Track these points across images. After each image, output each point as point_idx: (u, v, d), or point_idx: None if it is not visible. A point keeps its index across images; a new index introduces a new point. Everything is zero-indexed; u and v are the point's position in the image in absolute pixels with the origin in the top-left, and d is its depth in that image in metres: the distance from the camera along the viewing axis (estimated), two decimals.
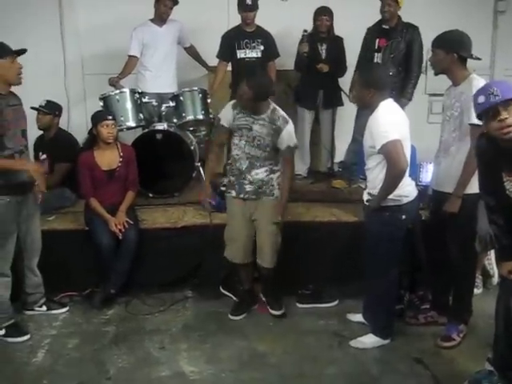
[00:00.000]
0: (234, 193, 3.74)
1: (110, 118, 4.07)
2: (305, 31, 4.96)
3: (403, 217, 3.25)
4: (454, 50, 3.18)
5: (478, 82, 3.11)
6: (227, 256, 3.78)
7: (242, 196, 3.70)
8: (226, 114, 3.67)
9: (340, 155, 5.29)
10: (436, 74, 3.37)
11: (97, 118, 4.07)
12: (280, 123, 3.55)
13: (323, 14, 4.96)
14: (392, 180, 3.14)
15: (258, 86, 3.48)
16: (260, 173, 3.64)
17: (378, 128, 3.13)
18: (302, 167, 5.43)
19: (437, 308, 3.69)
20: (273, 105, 3.63)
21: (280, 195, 3.68)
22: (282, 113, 3.62)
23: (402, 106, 4.56)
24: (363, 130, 3.34)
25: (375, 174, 3.25)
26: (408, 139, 3.25)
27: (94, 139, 4.09)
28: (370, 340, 3.49)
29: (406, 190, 3.25)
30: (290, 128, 3.59)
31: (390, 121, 3.15)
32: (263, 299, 3.97)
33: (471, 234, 3.36)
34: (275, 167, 3.68)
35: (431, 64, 3.36)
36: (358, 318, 3.73)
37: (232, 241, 3.75)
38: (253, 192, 3.67)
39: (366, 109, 3.35)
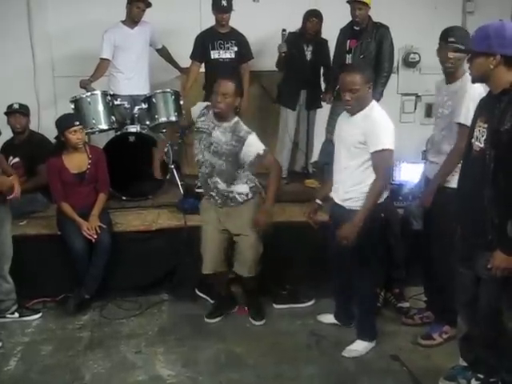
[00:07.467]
0: (206, 196, 3.71)
1: (77, 123, 3.98)
2: (283, 31, 4.95)
3: (382, 215, 3.23)
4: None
5: None
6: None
7: (212, 201, 3.65)
8: (196, 109, 3.64)
9: (316, 155, 5.31)
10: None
11: (63, 125, 3.95)
12: (243, 134, 3.44)
13: (314, 16, 4.93)
14: (378, 192, 3.10)
15: None
16: (219, 182, 3.54)
17: (379, 129, 3.05)
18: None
19: (432, 308, 3.63)
20: (237, 118, 3.54)
21: (265, 198, 3.56)
22: (244, 126, 3.51)
23: None
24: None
25: (357, 175, 3.15)
26: None
27: (62, 145, 4.01)
28: (360, 346, 3.43)
29: None
30: (253, 137, 3.46)
31: (391, 128, 3.08)
32: (245, 308, 3.93)
33: (449, 230, 3.06)
34: (235, 181, 3.54)
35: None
36: (328, 319, 3.73)
37: (203, 251, 3.72)
38: (219, 198, 3.59)
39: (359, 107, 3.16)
